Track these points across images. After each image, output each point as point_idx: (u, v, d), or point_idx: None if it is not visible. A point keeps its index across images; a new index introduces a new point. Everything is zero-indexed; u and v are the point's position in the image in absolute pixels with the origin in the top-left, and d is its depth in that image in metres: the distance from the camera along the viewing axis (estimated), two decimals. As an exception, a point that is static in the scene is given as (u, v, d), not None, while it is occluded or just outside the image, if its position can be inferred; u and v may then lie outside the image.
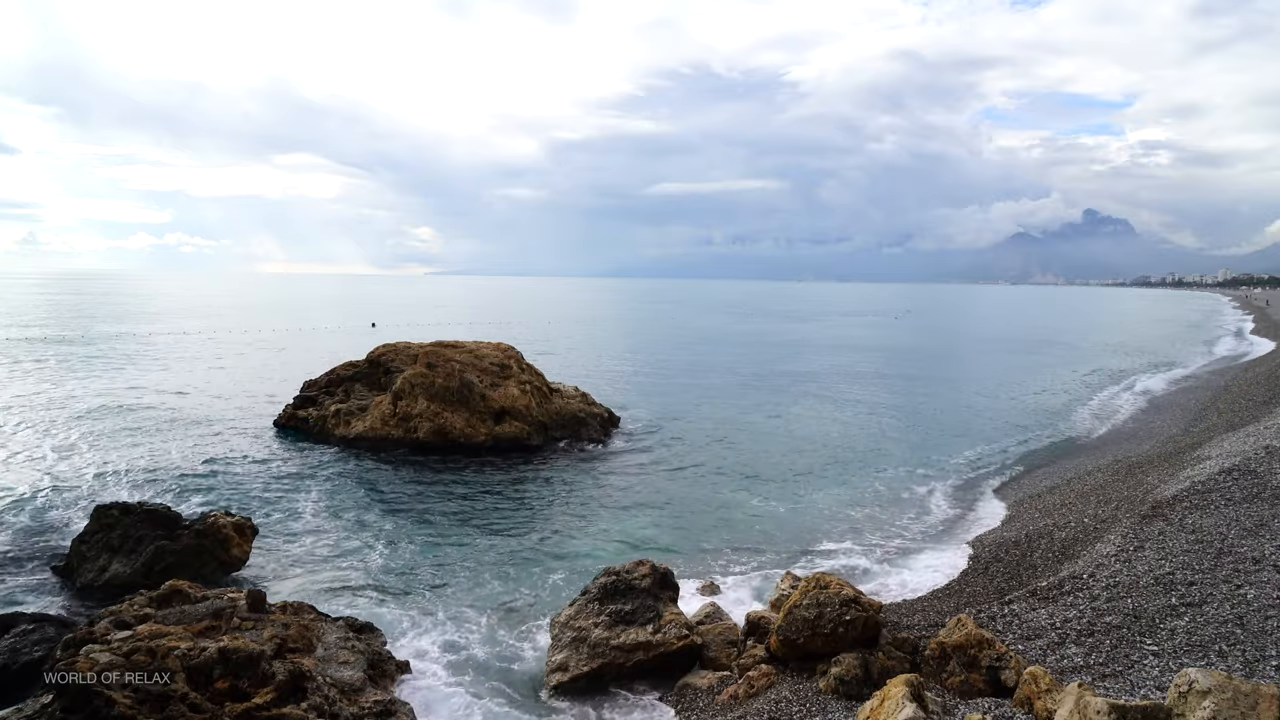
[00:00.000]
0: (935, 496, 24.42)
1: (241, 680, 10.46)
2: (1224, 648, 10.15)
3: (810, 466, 28.14)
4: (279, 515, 21.63)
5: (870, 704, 8.83)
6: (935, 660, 10.93)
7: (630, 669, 12.95)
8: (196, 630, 11.37)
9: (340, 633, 12.68)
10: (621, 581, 14.02)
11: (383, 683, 12.18)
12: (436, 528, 20.92)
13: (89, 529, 17.86)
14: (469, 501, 23.47)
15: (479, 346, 33.60)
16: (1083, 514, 19.49)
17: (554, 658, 13.32)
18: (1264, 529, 14.70)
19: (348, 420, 30.54)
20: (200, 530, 17.68)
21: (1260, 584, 11.98)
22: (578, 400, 33.43)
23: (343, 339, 74.69)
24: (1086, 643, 11.08)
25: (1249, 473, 19.07)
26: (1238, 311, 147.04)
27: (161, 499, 21.39)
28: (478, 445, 29.17)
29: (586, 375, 48.48)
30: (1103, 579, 13.57)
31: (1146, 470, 24.16)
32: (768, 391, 45.99)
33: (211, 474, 25.61)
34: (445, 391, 29.98)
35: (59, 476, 24.72)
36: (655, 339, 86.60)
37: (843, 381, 50.68)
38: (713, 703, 11.81)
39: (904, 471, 27.40)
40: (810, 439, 32.65)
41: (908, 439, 32.89)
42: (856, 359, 65.90)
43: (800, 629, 11.80)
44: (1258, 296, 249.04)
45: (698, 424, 35.48)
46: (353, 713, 10.89)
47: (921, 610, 14.86)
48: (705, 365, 59.71)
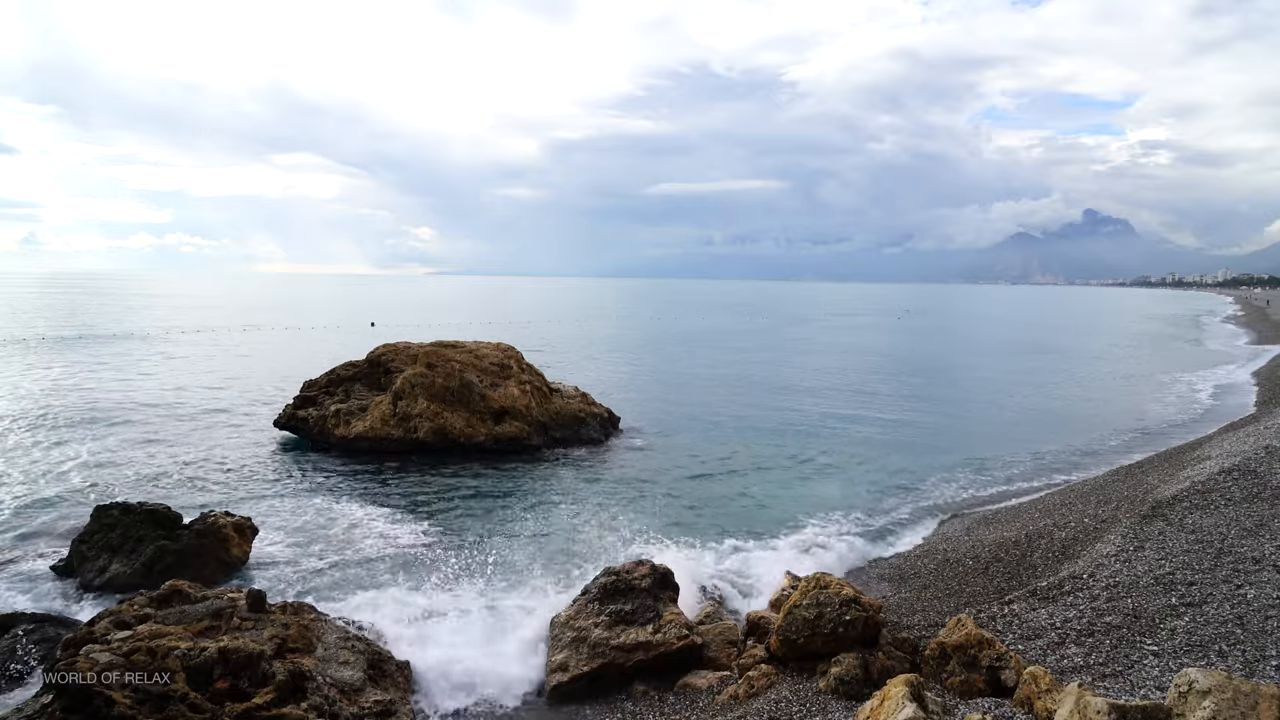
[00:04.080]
0: (936, 497, 24.41)
1: (241, 680, 10.46)
2: (1224, 648, 10.15)
3: (811, 466, 28.13)
4: (279, 515, 21.62)
5: (870, 704, 8.83)
6: (935, 660, 10.93)
7: (630, 669, 12.95)
8: (196, 630, 11.37)
9: (340, 633, 12.68)
10: (621, 581, 14.02)
11: (383, 683, 12.17)
12: (436, 527, 20.92)
13: (89, 529, 17.87)
14: (468, 501, 23.47)
15: (479, 346, 33.60)
16: (1083, 514, 19.49)
17: (554, 658, 13.33)
18: (1264, 529, 14.70)
19: (347, 420, 30.54)
20: (200, 530, 17.69)
21: (1260, 584, 11.98)
22: (578, 400, 33.42)
23: (343, 339, 74.65)
24: (1086, 643, 11.08)
25: (1249, 473, 19.08)
26: (1234, 318, 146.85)
27: (161, 499, 21.39)
28: (478, 445, 29.18)
29: (586, 375, 48.46)
30: (1103, 579, 13.58)
31: (1146, 470, 24.18)
32: (768, 391, 45.97)
33: (211, 474, 25.62)
34: (445, 391, 29.99)
35: (59, 476, 24.72)
36: (655, 339, 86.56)
37: (844, 381, 50.65)
38: (713, 703, 11.81)
39: (906, 471, 27.39)
40: (811, 439, 32.64)
41: (909, 439, 32.88)
42: (858, 359, 65.88)
43: (800, 629, 11.80)
44: (1258, 296, 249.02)
45: (698, 424, 35.47)
46: (353, 713, 10.89)
47: (921, 610, 14.87)
48: (705, 365, 59.68)
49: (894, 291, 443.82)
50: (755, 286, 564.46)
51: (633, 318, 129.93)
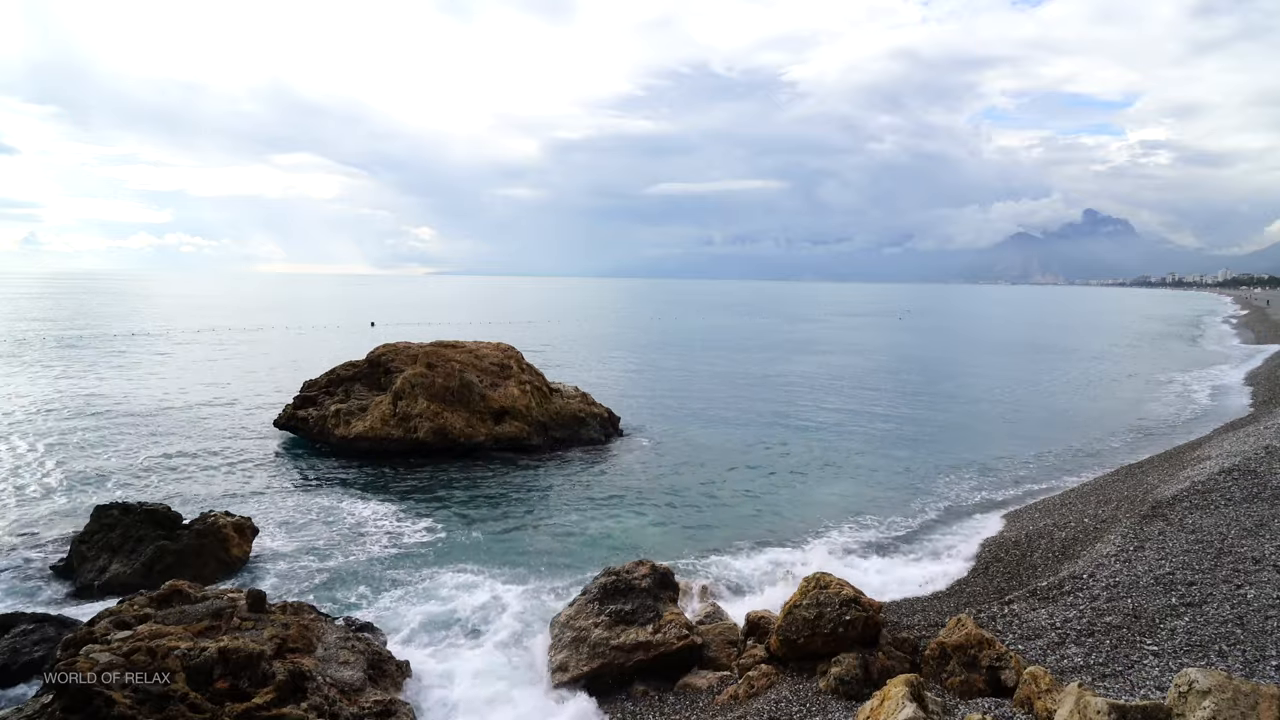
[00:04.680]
0: (936, 497, 24.40)
1: (241, 680, 10.46)
2: (1224, 648, 10.15)
3: (811, 466, 28.13)
4: (279, 515, 21.62)
5: (870, 704, 8.83)
6: (935, 660, 10.92)
7: (630, 669, 12.94)
8: (196, 630, 11.37)
9: (340, 633, 12.68)
10: (621, 581, 14.01)
11: (383, 683, 12.17)
12: (436, 528, 20.92)
13: (89, 529, 17.88)
14: (468, 502, 23.47)
15: (479, 346, 33.60)
16: (1083, 514, 19.50)
17: (554, 658, 13.33)
18: (1264, 529, 14.71)
19: (347, 420, 30.54)
20: (200, 530, 17.70)
21: (1260, 584, 11.98)
22: (578, 400, 33.42)
23: (343, 339, 74.68)
24: (1086, 643, 11.08)
25: (1249, 473, 19.08)
26: (1234, 318, 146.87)
27: (161, 499, 21.39)
28: (478, 445, 29.17)
29: (586, 375, 48.46)
30: (1103, 579, 13.58)
31: (1146, 470, 24.18)
32: (769, 392, 45.97)
33: (211, 474, 25.62)
34: (445, 391, 29.98)
35: (59, 476, 24.73)
36: (655, 339, 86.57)
37: (844, 382, 50.65)
38: (712, 703, 11.81)
39: (906, 471, 27.40)
40: (812, 439, 32.64)
41: (910, 439, 32.88)
42: (858, 359, 65.88)
43: (800, 629, 11.80)
44: (1258, 297, 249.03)
45: (698, 424, 35.48)
46: (353, 713, 10.89)
47: (921, 610, 14.87)
48: (705, 365, 59.69)
49: (894, 291, 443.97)
50: (755, 286, 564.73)
51: (633, 318, 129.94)
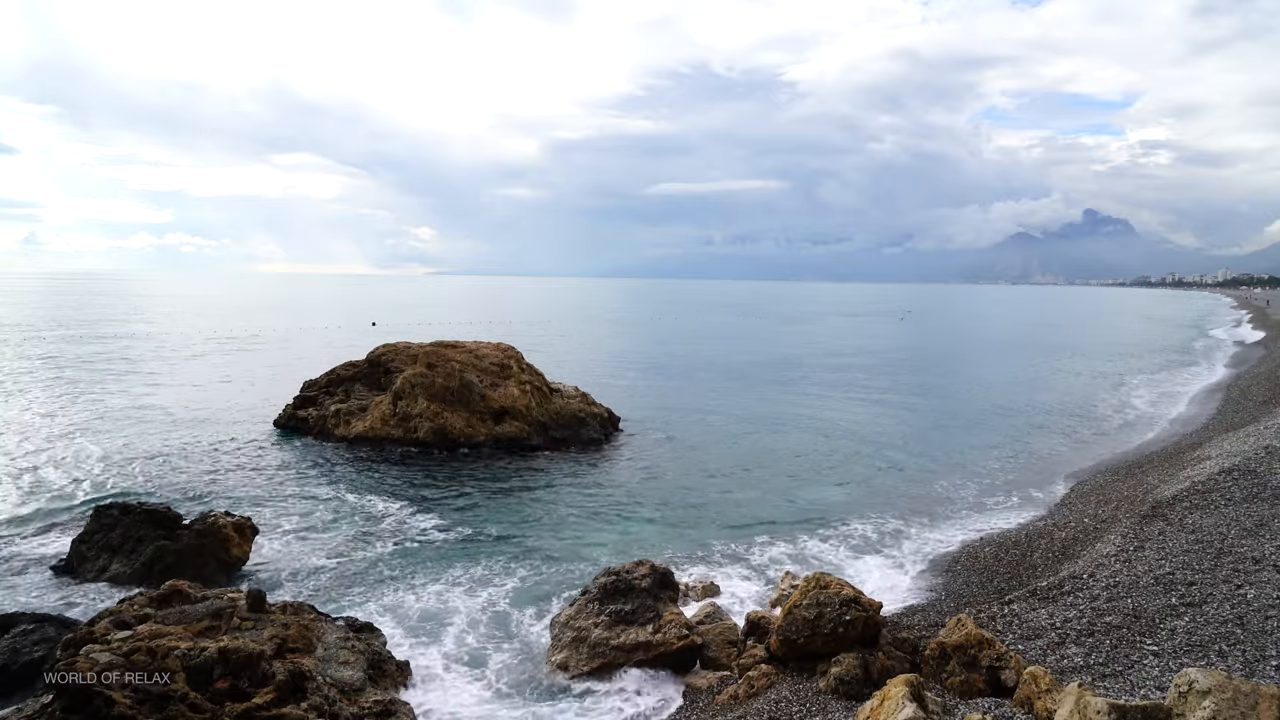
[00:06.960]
0: (937, 497, 24.39)
1: (241, 680, 10.46)
2: (1224, 648, 10.15)
3: (811, 466, 28.12)
4: (279, 515, 21.62)
5: (870, 704, 8.83)
6: (935, 660, 10.92)
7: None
8: (196, 630, 11.37)
9: (340, 633, 12.68)
10: (621, 581, 14.02)
11: (383, 683, 12.18)
12: (436, 528, 20.91)
13: (89, 529, 17.88)
14: (468, 501, 23.46)
15: (479, 346, 33.60)
16: (1083, 514, 19.50)
17: (554, 658, 13.33)
18: (1264, 529, 14.70)
19: (348, 420, 30.55)
20: (200, 530, 17.69)
21: (1260, 584, 11.98)
22: (578, 400, 33.42)
23: (343, 339, 74.68)
24: (1086, 643, 11.08)
25: (1249, 473, 19.08)
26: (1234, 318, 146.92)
27: (161, 499, 21.39)
28: (478, 445, 29.17)
29: (586, 375, 48.43)
30: (1103, 579, 13.57)
31: (1146, 470, 24.18)
32: (769, 392, 45.98)
33: (211, 474, 25.61)
34: (445, 391, 29.99)
35: (59, 476, 24.73)
36: (655, 339, 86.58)
37: (845, 382, 50.66)
38: (712, 703, 11.81)
39: (905, 471, 27.39)
40: (812, 439, 32.64)
41: (910, 439, 32.88)
42: (859, 359, 65.90)
43: (800, 629, 11.79)
44: (1258, 297, 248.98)
45: (698, 424, 35.47)
46: (353, 713, 10.89)
47: (921, 610, 14.87)
48: (705, 365, 59.68)
49: (894, 291, 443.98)
50: (755, 286, 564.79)
51: (633, 318, 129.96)
